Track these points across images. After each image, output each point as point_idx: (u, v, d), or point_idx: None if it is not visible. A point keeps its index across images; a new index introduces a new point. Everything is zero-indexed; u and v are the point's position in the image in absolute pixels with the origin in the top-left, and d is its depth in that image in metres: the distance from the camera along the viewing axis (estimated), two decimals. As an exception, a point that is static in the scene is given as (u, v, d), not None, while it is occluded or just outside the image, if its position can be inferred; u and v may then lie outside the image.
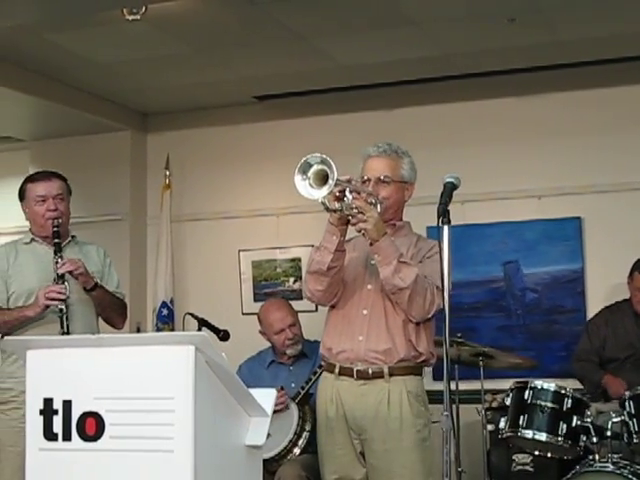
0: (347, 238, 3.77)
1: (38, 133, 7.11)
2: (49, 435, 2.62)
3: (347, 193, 3.54)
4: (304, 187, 3.42)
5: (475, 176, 5.56)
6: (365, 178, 3.81)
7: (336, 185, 3.38)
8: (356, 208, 3.56)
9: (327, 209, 3.58)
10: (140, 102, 6.93)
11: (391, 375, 3.71)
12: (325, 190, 3.37)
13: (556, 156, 6.21)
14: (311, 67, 6.07)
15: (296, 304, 5.56)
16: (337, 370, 3.79)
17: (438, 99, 6.44)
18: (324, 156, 3.38)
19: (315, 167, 3.40)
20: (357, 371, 3.74)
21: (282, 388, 4.95)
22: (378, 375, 3.71)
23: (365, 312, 3.76)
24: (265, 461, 3.19)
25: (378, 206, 3.69)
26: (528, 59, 5.97)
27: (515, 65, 6.07)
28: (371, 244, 3.63)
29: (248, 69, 6.12)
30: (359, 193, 3.61)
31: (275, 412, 2.82)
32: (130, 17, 5.03)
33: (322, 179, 3.38)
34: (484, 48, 5.76)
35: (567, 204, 6.16)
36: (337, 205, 3.56)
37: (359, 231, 3.64)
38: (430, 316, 3.74)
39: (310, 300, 3.93)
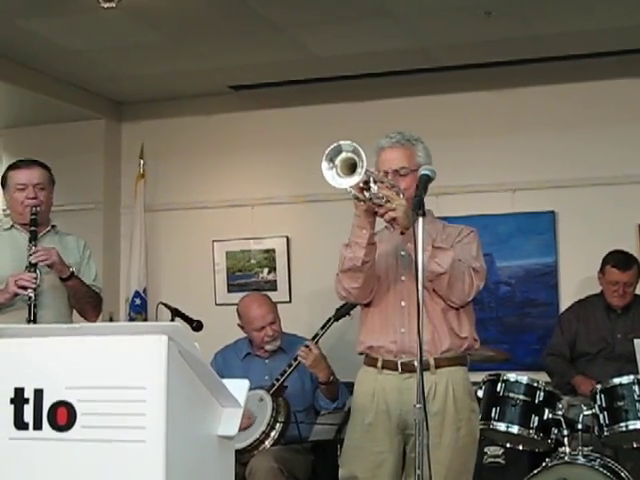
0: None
1: (11, 121, 7.06)
2: (20, 424, 2.59)
3: (372, 183, 3.41)
4: (332, 176, 3.30)
5: (450, 169, 5.57)
6: (382, 172, 3.69)
7: (364, 175, 3.28)
8: (383, 197, 3.45)
9: (357, 199, 3.45)
10: (115, 91, 6.89)
11: (437, 367, 3.62)
12: (355, 179, 3.26)
13: (530, 150, 6.24)
14: (287, 58, 6.05)
15: (270, 295, 5.57)
16: (380, 364, 3.69)
17: (414, 91, 6.44)
18: (355, 144, 3.27)
19: (344, 155, 3.29)
20: (401, 364, 3.64)
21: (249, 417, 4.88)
22: (424, 367, 3.50)
23: (403, 304, 3.66)
24: (237, 452, 3.18)
25: (401, 196, 3.54)
26: (503, 53, 5.99)
27: (490, 59, 6.08)
28: (402, 233, 3.52)
29: (224, 59, 6.09)
30: (382, 182, 3.51)
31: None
32: (105, 4, 4.98)
33: (349, 168, 3.28)
34: (460, 41, 5.77)
35: (541, 198, 6.19)
36: (366, 195, 3.44)
37: (388, 221, 3.54)
38: (470, 299, 3.67)
39: (346, 300, 3.84)
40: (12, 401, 2.61)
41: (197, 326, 4.96)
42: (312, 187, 5.37)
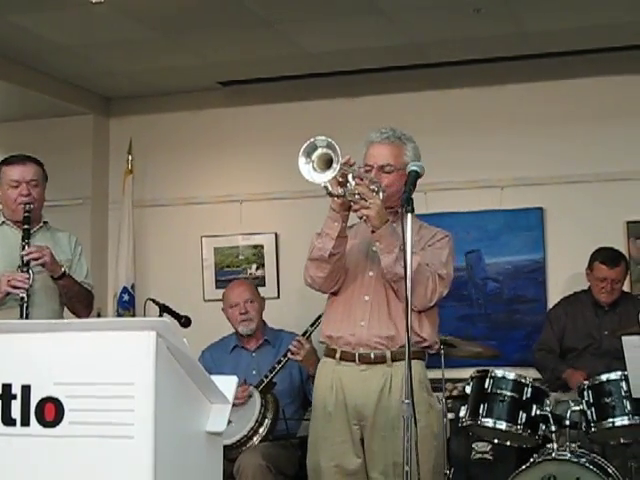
0: (349, 224, 3.71)
1: (-1, 116, 7.04)
2: (7, 420, 2.58)
3: (350, 179, 3.45)
4: (307, 170, 3.34)
5: (438, 166, 5.57)
6: (367, 166, 3.73)
7: (339, 170, 3.31)
8: (358, 194, 3.48)
9: (329, 194, 3.49)
10: (103, 86, 6.86)
11: (394, 360, 3.64)
12: (329, 174, 3.30)
13: (519, 147, 6.25)
14: (277, 53, 6.04)
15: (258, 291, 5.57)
16: (338, 355, 3.73)
17: (404, 88, 6.45)
18: (330, 140, 3.30)
19: (320, 150, 3.32)
20: (359, 355, 3.67)
21: (245, 382, 4.92)
22: (380, 360, 3.64)
23: (367, 298, 3.70)
24: (225, 448, 3.18)
25: (380, 194, 3.57)
26: (493, 50, 6.00)
27: (480, 55, 6.09)
28: (373, 231, 3.56)
29: (213, 54, 6.08)
30: (362, 179, 3.53)
31: (234, 405, 2.80)
32: (94, -1, 4.99)
33: (326, 163, 3.31)
34: (450, 38, 5.77)
35: (529, 194, 6.20)
36: (339, 190, 3.47)
37: (361, 217, 3.56)
38: (431, 304, 3.68)
39: (311, 287, 3.83)
40: (-1, 397, 2.60)
41: (185, 322, 4.96)
42: (301, 184, 5.29)
